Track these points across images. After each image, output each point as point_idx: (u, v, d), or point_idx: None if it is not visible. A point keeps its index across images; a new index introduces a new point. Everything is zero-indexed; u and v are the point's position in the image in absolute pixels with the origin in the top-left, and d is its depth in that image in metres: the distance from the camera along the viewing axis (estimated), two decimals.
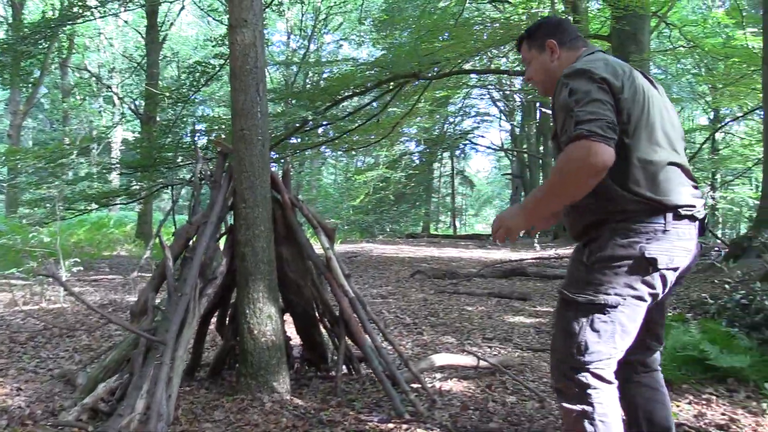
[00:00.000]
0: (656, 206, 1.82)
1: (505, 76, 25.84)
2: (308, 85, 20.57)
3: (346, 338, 3.28)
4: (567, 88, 1.83)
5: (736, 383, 3.33)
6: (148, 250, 10.00)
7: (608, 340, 1.86)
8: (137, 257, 11.83)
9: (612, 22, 10.97)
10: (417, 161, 29.70)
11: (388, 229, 27.05)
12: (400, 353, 3.14)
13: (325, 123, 13.39)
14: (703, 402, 3.12)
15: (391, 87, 12.30)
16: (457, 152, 32.19)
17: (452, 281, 8.62)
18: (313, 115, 10.65)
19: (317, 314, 3.44)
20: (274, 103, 13.67)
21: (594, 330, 1.87)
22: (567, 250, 13.83)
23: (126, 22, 22.52)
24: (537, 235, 17.83)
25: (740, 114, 17.70)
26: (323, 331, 3.54)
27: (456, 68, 12.24)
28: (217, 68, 12.18)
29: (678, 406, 3.08)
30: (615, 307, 1.85)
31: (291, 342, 3.66)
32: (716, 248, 8.70)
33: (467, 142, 30.53)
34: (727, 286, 4.88)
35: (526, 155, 27.61)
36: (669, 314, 4.93)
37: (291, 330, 3.75)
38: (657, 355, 2.15)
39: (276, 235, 3.20)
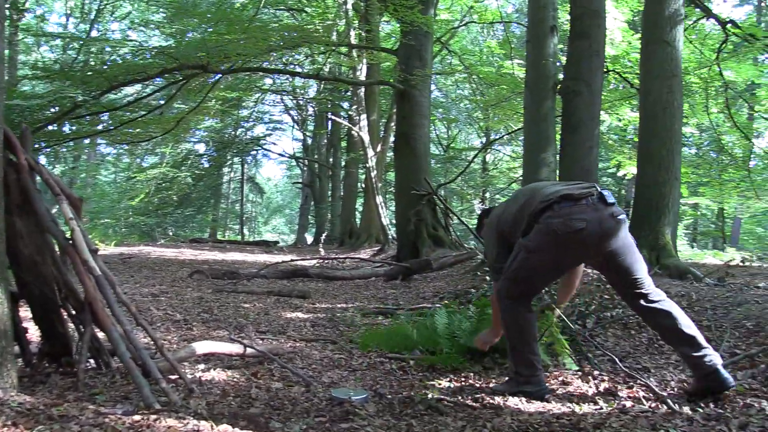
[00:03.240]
0: None
1: (300, 86, 26.12)
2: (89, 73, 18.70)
3: (93, 326, 2.88)
4: None
5: (491, 362, 3.53)
6: None
7: None
8: None
9: (400, 37, 11.52)
10: (205, 164, 28.57)
11: (171, 234, 25.56)
12: (154, 339, 2.83)
13: (102, 112, 12.23)
14: (462, 379, 3.26)
15: (179, 79, 11.64)
16: (249, 158, 31.62)
17: (232, 281, 8.29)
18: (86, 97, 9.62)
19: (59, 298, 2.98)
20: (42, 82, 12.21)
21: None
22: (351, 255, 14.15)
23: None
24: (322, 240, 18.11)
25: (505, 134, 19.69)
26: (67, 318, 3.08)
27: (248, 66, 11.93)
28: None
29: (440, 383, 3.18)
30: None
31: (28, 334, 3.15)
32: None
33: (259, 148, 30.13)
34: (487, 278, 5.30)
35: (316, 165, 27.96)
36: (439, 305, 5.16)
37: (31, 325, 3.24)
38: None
39: (8, 203, 2.70)
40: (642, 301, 2.88)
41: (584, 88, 7.38)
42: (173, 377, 2.97)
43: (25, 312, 3.11)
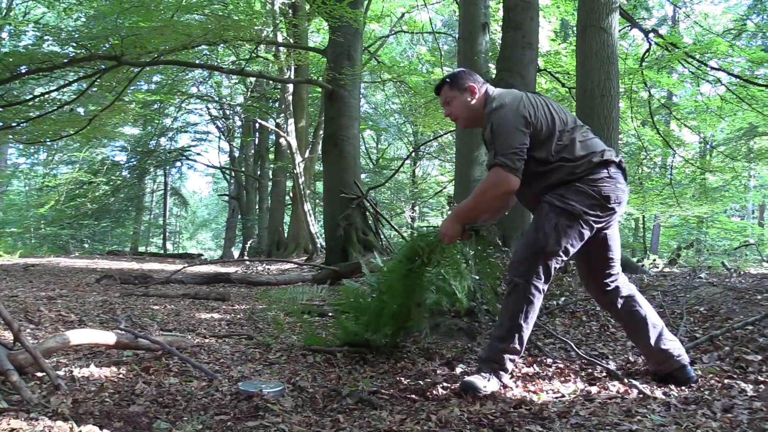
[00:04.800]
0: None
1: (227, 95, 25.27)
2: None
3: None
4: None
5: (434, 351, 3.09)
6: None
7: None
8: None
9: (329, 35, 11.06)
10: (126, 174, 27.04)
11: (87, 247, 23.96)
12: (8, 321, 2.22)
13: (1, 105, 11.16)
14: (399, 370, 2.80)
15: (90, 75, 10.76)
16: (173, 170, 30.28)
17: (144, 285, 7.55)
18: None
19: None
20: None
21: None
22: (277, 265, 13.51)
23: None
24: (247, 250, 17.36)
25: (433, 138, 19.77)
26: None
27: (168, 59, 11.17)
28: None
29: (372, 375, 2.70)
30: None
31: None
32: None
33: (183, 158, 28.87)
34: None
35: (243, 176, 27.03)
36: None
37: None
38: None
39: None
40: (609, 284, 2.54)
41: (517, 79, 7.13)
42: (41, 374, 2.37)
43: None
